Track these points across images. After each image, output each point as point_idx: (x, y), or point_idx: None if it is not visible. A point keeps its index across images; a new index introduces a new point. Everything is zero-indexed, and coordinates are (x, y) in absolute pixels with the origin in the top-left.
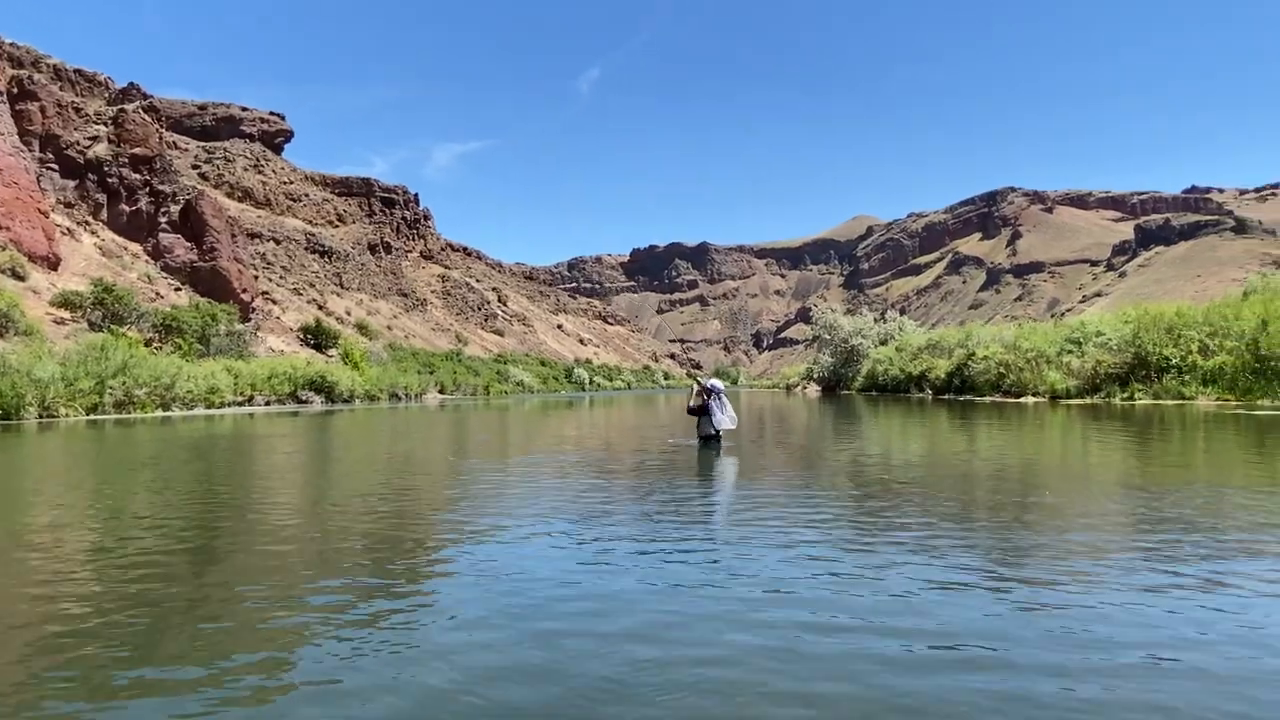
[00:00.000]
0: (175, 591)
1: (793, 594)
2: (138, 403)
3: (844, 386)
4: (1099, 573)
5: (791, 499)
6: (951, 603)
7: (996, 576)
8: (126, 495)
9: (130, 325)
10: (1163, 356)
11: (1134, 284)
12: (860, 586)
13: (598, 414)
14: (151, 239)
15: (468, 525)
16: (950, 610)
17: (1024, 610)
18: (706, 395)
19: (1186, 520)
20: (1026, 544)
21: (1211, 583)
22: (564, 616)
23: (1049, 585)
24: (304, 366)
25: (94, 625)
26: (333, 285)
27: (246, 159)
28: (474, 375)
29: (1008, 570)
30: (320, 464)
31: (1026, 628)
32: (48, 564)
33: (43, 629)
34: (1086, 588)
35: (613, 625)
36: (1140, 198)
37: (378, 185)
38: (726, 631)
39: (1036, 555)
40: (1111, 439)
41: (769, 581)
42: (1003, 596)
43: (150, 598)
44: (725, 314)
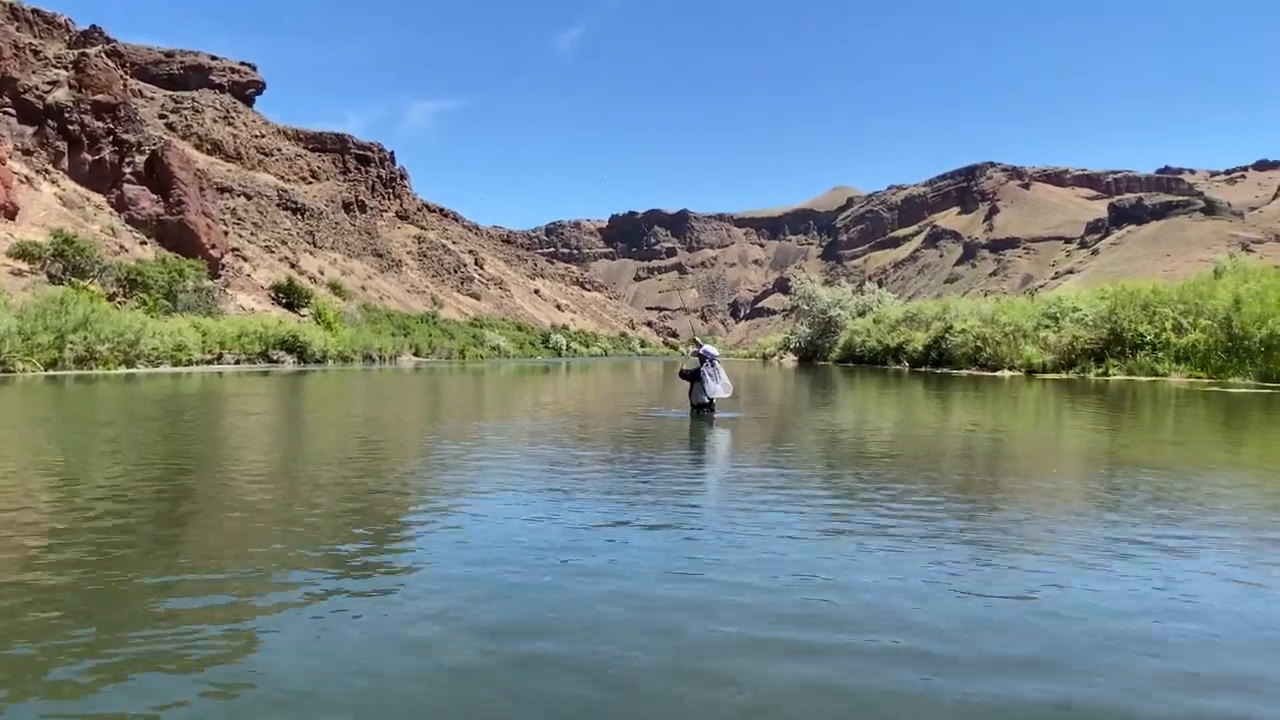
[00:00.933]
0: (135, 556)
1: (748, 557)
2: (100, 359)
3: (821, 357)
4: (1053, 542)
5: (768, 472)
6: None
7: (965, 553)
8: (86, 455)
9: (93, 279)
10: (1137, 333)
11: (1106, 262)
12: (836, 565)
13: (575, 380)
14: (116, 190)
15: (439, 492)
16: (923, 595)
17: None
18: (701, 362)
19: (1147, 496)
20: (1002, 519)
21: (1156, 554)
22: (535, 589)
23: (1008, 554)
24: (275, 326)
25: (47, 592)
26: (305, 243)
27: (216, 110)
28: (449, 339)
29: (970, 543)
30: (292, 426)
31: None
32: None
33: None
34: (1040, 558)
35: (589, 600)
36: (1115, 176)
37: (352, 142)
38: (694, 617)
39: (1005, 528)
40: (1085, 414)
41: (744, 553)
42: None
43: (110, 563)
44: (703, 283)
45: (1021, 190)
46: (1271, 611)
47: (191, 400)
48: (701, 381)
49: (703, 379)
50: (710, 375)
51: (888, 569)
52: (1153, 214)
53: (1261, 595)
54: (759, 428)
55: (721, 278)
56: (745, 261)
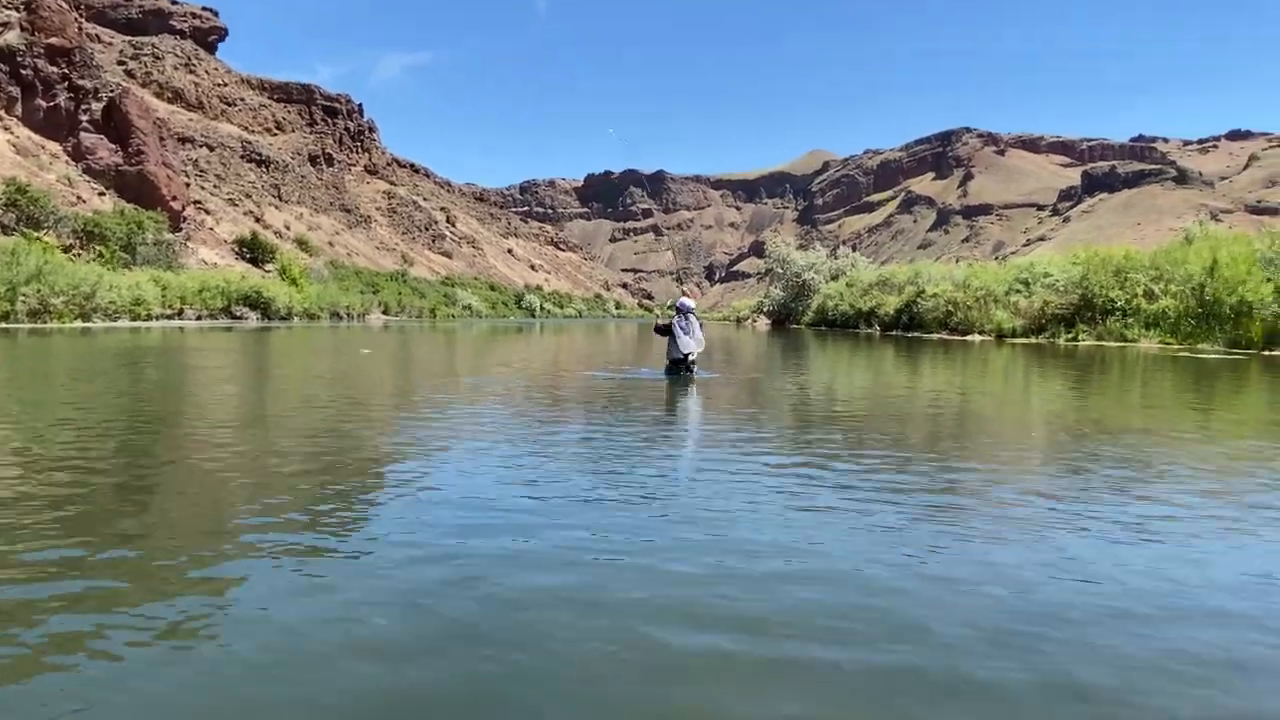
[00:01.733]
0: (97, 513)
1: (710, 518)
2: (54, 312)
3: (794, 321)
4: (1011, 506)
5: (738, 437)
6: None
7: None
8: (43, 412)
9: (48, 230)
10: (1108, 299)
11: (1077, 229)
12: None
13: (548, 341)
14: (72, 139)
15: (406, 450)
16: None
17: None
18: (677, 314)
19: (1110, 461)
20: (956, 481)
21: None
22: (493, 551)
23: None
24: (238, 281)
25: (5, 554)
26: (270, 197)
27: (177, 57)
28: (420, 297)
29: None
30: (255, 384)
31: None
32: None
33: None
34: (997, 522)
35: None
36: (1089, 144)
37: (319, 93)
38: (653, 578)
39: (960, 489)
40: (1054, 379)
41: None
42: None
43: (70, 521)
44: (679, 245)
45: (996, 156)
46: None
47: (151, 356)
48: (674, 337)
49: (674, 334)
50: (682, 329)
51: (851, 537)
52: (1125, 182)
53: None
54: (732, 391)
55: (698, 240)
56: (721, 224)
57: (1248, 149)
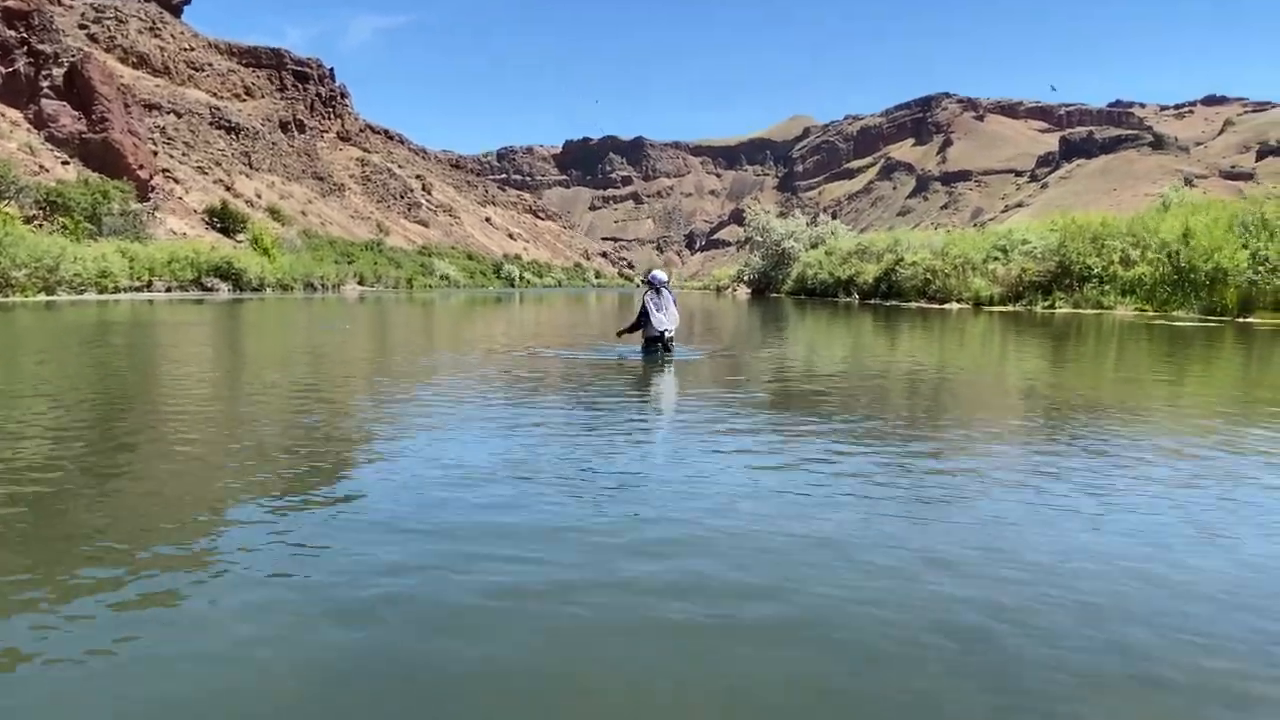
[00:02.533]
0: (70, 494)
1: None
2: (16, 285)
3: (774, 289)
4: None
5: (714, 418)
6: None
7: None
8: (8, 388)
9: (9, 200)
10: (1085, 266)
11: (1054, 195)
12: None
13: (527, 313)
14: (33, 106)
15: (381, 432)
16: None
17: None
18: (648, 289)
19: (1081, 428)
20: (931, 449)
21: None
22: (476, 521)
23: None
24: (208, 251)
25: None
26: (241, 165)
27: (141, 20)
28: (396, 267)
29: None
30: (229, 359)
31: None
32: None
33: None
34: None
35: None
36: (1068, 109)
37: (289, 57)
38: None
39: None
40: (1030, 347)
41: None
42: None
43: (43, 505)
44: (659, 213)
45: (976, 122)
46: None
47: (119, 330)
48: (648, 313)
49: (648, 310)
50: (654, 305)
51: (835, 510)
52: (1102, 148)
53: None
54: (709, 366)
55: (678, 208)
56: (701, 192)
57: (1223, 114)
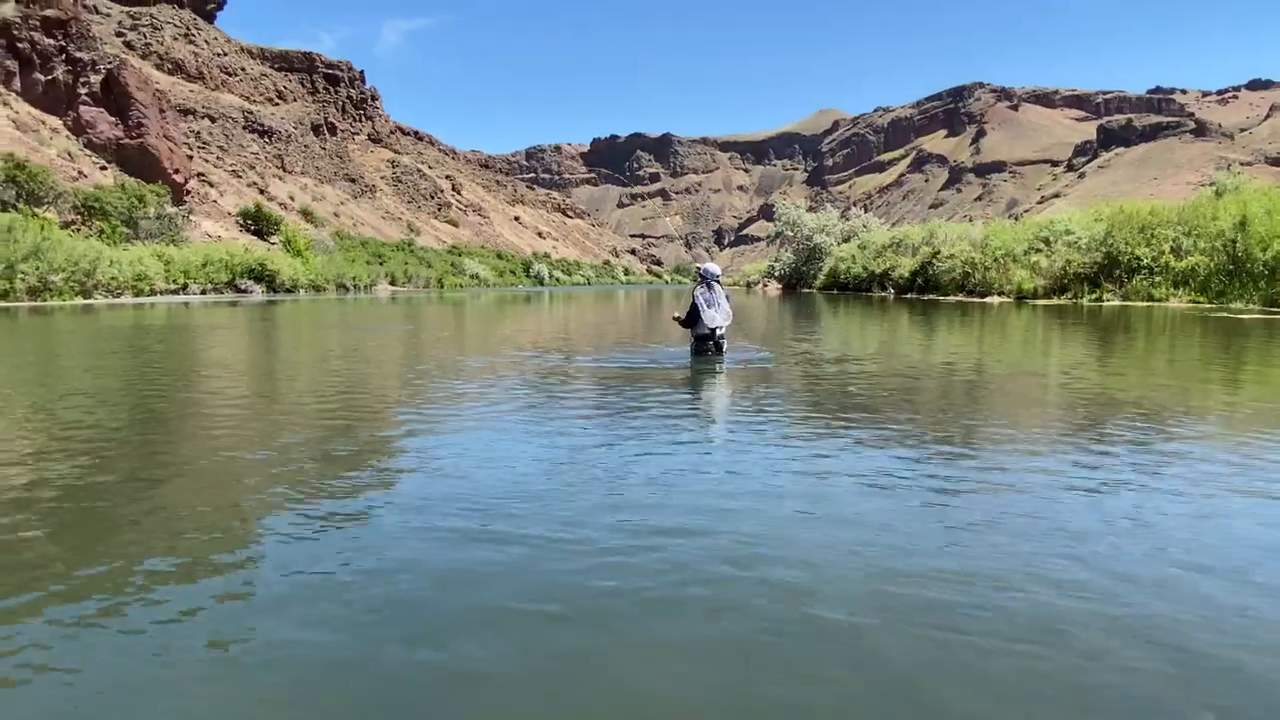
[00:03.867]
0: (110, 491)
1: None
2: (54, 289)
3: (805, 285)
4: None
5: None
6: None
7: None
8: (46, 387)
9: (48, 205)
10: (1134, 256)
11: (1092, 185)
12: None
13: (557, 311)
14: (71, 113)
15: (420, 430)
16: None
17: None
18: (700, 285)
19: (1131, 430)
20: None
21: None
22: (522, 515)
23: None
24: (243, 254)
25: (17, 530)
26: (274, 168)
27: (175, 27)
28: (426, 267)
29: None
30: (267, 359)
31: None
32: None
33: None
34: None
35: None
36: (1105, 97)
37: (320, 60)
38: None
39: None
40: (1079, 340)
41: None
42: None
43: (83, 500)
44: (687, 209)
45: (1010, 112)
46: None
47: (155, 333)
48: (698, 308)
49: (698, 305)
50: (705, 301)
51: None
52: (1142, 136)
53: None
54: (785, 377)
55: (706, 204)
56: (730, 187)
57: (1269, 99)
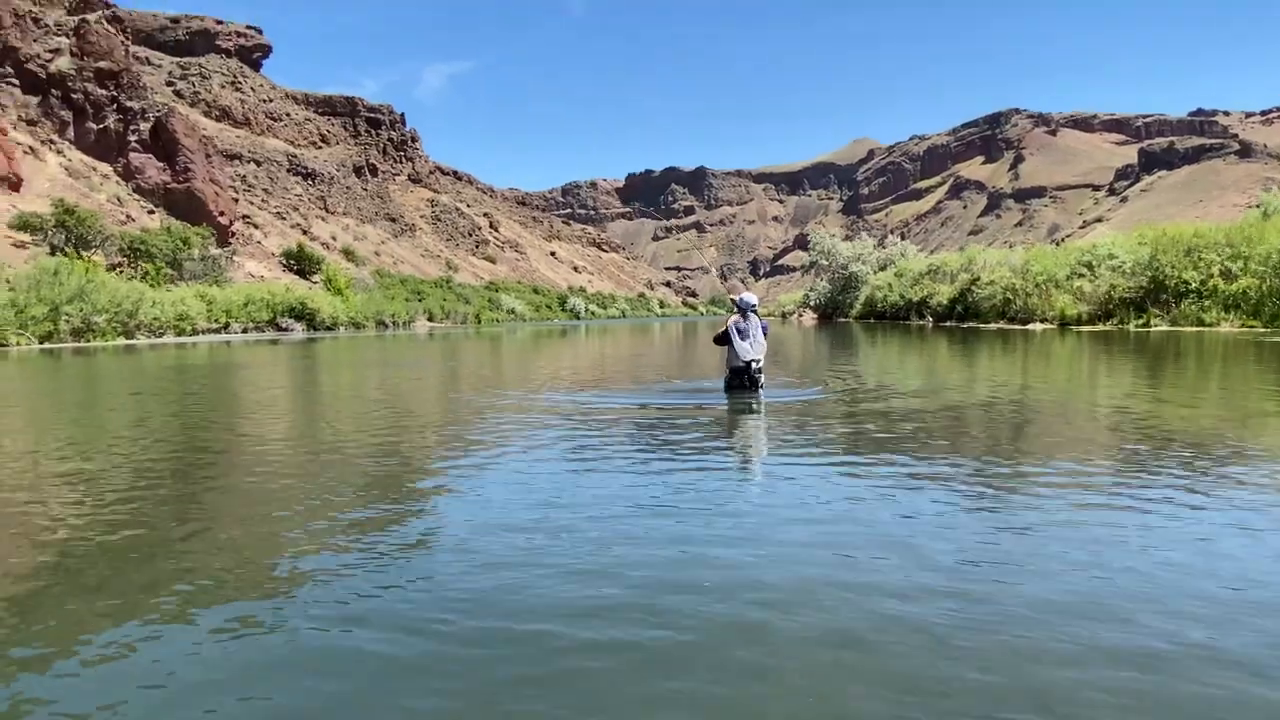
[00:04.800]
0: (158, 524)
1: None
2: (97, 330)
3: (842, 314)
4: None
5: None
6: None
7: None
8: (90, 430)
9: (95, 249)
10: (1181, 280)
11: (1135, 209)
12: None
13: (592, 345)
14: (122, 159)
15: (458, 467)
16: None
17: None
18: (736, 313)
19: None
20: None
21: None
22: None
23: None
24: (283, 293)
25: (69, 565)
26: (317, 209)
27: (223, 75)
28: (464, 303)
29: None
30: (306, 396)
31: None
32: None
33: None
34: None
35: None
36: (1145, 120)
37: (362, 104)
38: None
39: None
40: (1130, 369)
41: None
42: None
43: (132, 532)
44: (722, 241)
45: (1048, 137)
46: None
47: (193, 373)
48: (732, 340)
49: (731, 336)
50: (740, 331)
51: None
52: (1185, 158)
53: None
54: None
55: (740, 235)
56: (764, 218)
57: None
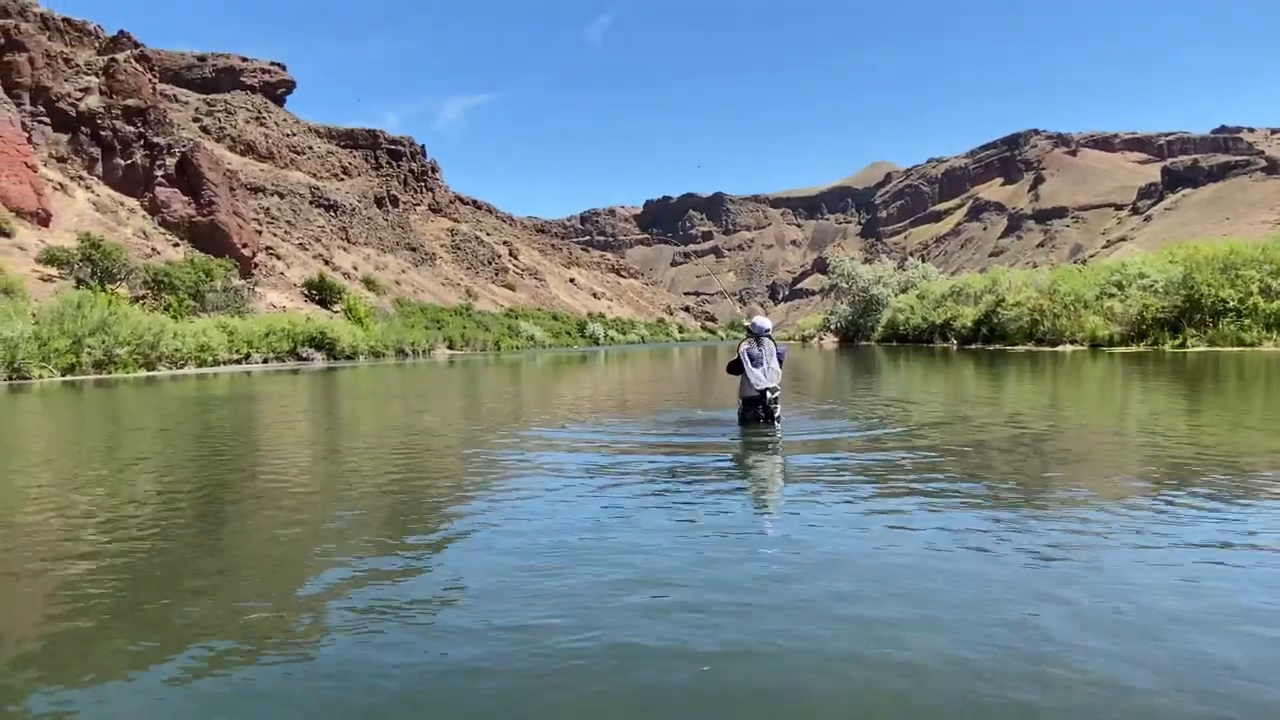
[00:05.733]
0: (181, 557)
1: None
2: (119, 362)
3: (863, 337)
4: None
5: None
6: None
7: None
8: (111, 463)
9: (120, 282)
10: (1219, 299)
11: (1159, 228)
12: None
13: (612, 372)
14: (148, 193)
15: (479, 497)
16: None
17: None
18: (749, 339)
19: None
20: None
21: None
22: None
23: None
24: (303, 323)
25: (96, 595)
26: (339, 240)
27: (248, 111)
28: (484, 330)
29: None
30: (325, 427)
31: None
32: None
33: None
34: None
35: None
36: (1167, 139)
37: (383, 137)
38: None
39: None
40: (1171, 392)
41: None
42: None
43: (157, 562)
44: (740, 265)
45: (1068, 157)
46: None
47: (213, 404)
48: (744, 368)
49: (744, 363)
50: (751, 358)
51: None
52: (1209, 176)
53: None
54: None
55: (759, 260)
56: (782, 243)
57: None
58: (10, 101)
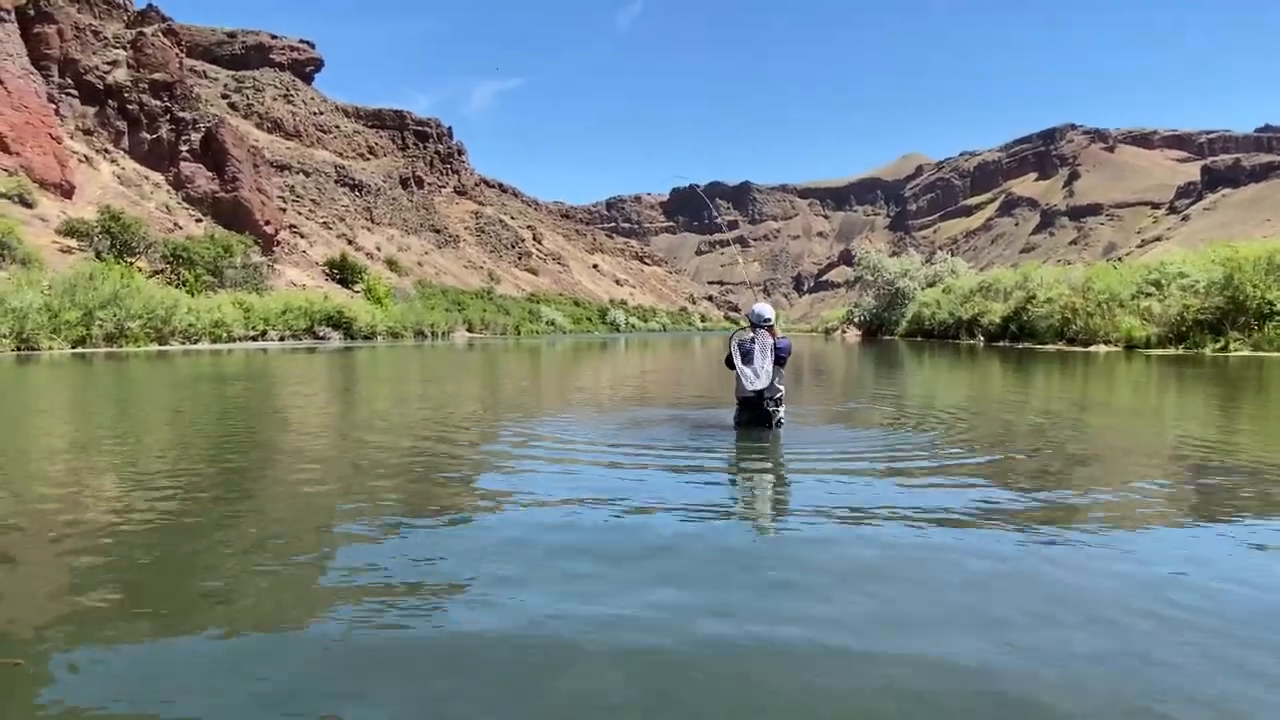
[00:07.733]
0: (193, 534)
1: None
2: (130, 335)
3: (887, 331)
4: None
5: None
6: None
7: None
8: (118, 439)
9: (139, 255)
10: (1265, 301)
11: (1198, 227)
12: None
13: (631, 360)
14: (173, 168)
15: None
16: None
17: None
18: (749, 329)
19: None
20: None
21: None
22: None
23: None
24: (322, 301)
25: (107, 578)
26: (363, 220)
27: (276, 89)
28: (504, 314)
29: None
30: (339, 408)
31: None
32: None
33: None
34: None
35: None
36: (1209, 137)
37: (410, 118)
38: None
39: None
40: (1216, 398)
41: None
42: None
43: (169, 537)
44: (765, 256)
45: (1105, 154)
46: None
47: (221, 382)
48: (738, 364)
49: (735, 359)
50: (744, 352)
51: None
52: (1251, 176)
53: None
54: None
55: (784, 250)
56: (809, 233)
57: None
58: (38, 73)
